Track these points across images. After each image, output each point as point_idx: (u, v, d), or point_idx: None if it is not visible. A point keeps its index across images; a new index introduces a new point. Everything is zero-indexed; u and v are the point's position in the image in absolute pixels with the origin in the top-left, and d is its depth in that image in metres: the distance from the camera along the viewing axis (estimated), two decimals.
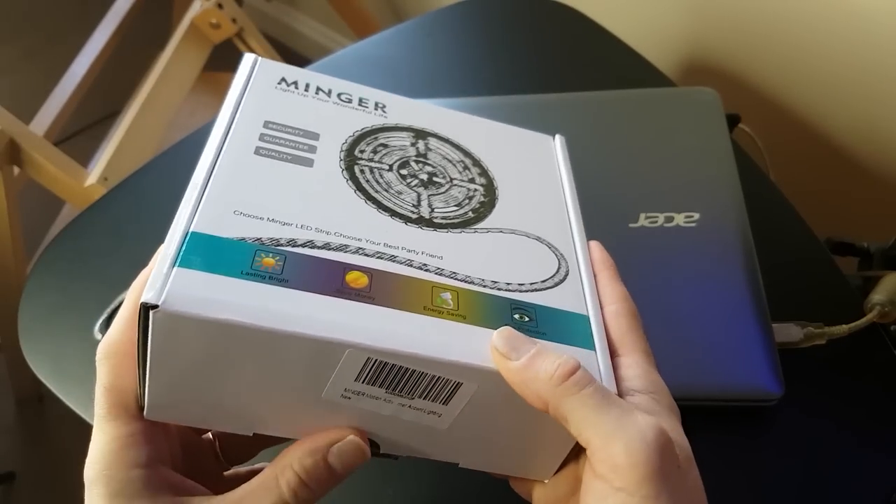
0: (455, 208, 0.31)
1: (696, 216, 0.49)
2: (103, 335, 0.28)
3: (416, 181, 0.32)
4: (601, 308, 0.30)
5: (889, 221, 0.75)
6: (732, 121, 0.60)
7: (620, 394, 0.26)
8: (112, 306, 0.50)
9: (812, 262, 0.52)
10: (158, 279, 0.23)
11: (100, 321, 0.50)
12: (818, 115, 0.80)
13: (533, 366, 0.25)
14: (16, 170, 0.93)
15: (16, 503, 1.07)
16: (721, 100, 0.57)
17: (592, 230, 0.33)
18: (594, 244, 0.32)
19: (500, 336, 0.26)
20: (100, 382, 0.26)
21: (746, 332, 0.44)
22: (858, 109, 0.76)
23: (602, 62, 0.68)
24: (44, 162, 0.90)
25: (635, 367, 0.27)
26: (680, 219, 0.49)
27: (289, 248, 0.26)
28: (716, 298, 0.45)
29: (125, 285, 0.27)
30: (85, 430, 0.47)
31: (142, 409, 0.26)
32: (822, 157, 0.81)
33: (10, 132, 0.87)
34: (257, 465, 0.30)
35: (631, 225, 0.49)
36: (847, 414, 0.44)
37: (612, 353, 0.28)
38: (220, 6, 1.09)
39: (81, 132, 1.41)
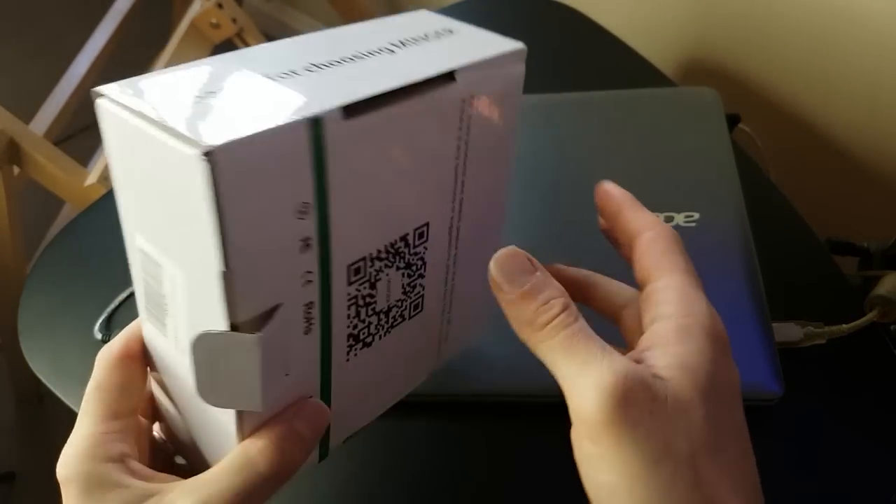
0: None
1: (696, 216, 0.49)
2: (103, 335, 0.28)
3: None
4: (634, 239, 0.28)
5: (889, 221, 0.75)
6: (732, 121, 0.60)
7: (651, 321, 0.25)
8: (112, 306, 0.50)
9: (812, 262, 0.52)
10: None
11: (100, 321, 0.50)
12: (818, 115, 0.80)
13: (518, 304, 0.25)
14: (16, 170, 0.93)
15: (16, 503, 1.07)
16: (721, 100, 0.57)
17: (593, 230, 0.33)
18: (606, 183, 0.30)
19: (495, 262, 0.25)
20: (90, 382, 0.27)
21: (746, 331, 0.44)
22: (858, 109, 0.76)
23: (602, 62, 0.68)
24: (44, 162, 0.90)
25: (669, 289, 0.25)
26: (680, 219, 0.49)
27: None
28: (716, 298, 0.45)
29: (125, 285, 0.27)
30: None
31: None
32: (822, 157, 0.81)
33: (10, 132, 0.87)
34: None
35: None
36: (847, 414, 0.44)
37: (647, 280, 0.27)
38: (220, 6, 1.09)
39: (81, 132, 1.41)
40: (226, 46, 1.14)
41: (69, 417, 0.47)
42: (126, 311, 0.49)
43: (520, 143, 0.32)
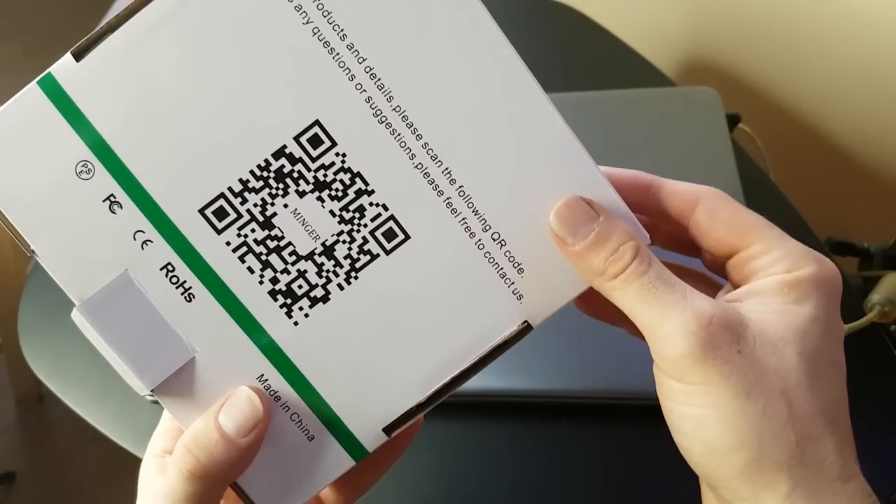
0: None
1: None
2: None
3: None
4: (687, 214, 0.25)
5: (889, 221, 0.75)
6: (732, 121, 0.60)
7: (750, 277, 0.24)
8: None
9: None
10: None
11: None
12: (818, 115, 0.80)
13: (586, 256, 0.23)
14: None
15: (16, 503, 1.07)
16: (721, 100, 0.57)
17: None
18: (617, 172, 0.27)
19: (556, 215, 0.24)
20: None
21: None
22: (858, 109, 0.76)
23: (602, 62, 0.68)
24: None
25: (765, 255, 0.24)
26: None
27: None
28: None
29: None
30: (85, 430, 0.47)
31: None
32: (822, 157, 0.81)
33: None
34: None
35: None
36: None
37: (735, 249, 0.25)
38: None
39: None
40: None
41: (69, 417, 0.47)
42: None
43: None
